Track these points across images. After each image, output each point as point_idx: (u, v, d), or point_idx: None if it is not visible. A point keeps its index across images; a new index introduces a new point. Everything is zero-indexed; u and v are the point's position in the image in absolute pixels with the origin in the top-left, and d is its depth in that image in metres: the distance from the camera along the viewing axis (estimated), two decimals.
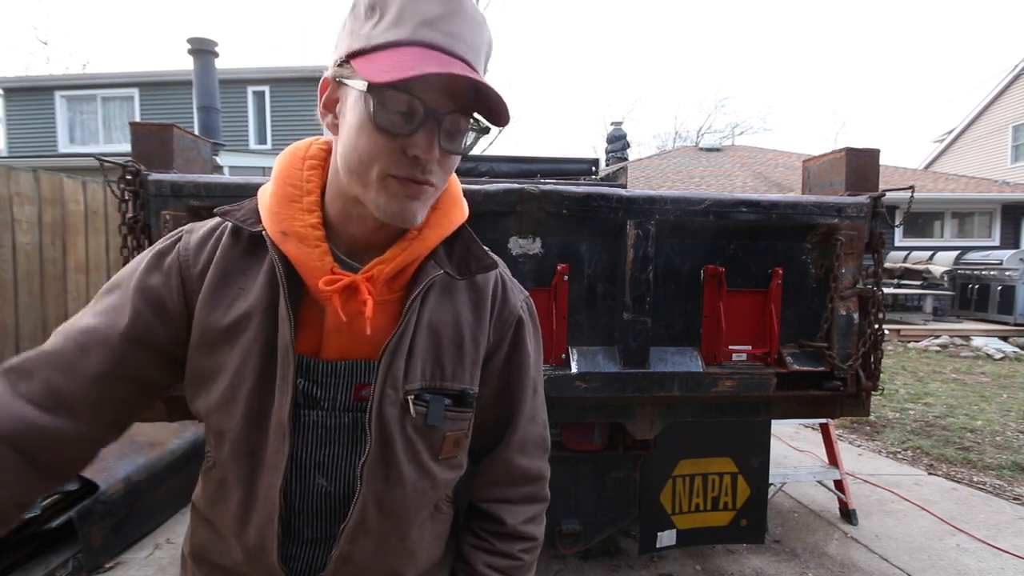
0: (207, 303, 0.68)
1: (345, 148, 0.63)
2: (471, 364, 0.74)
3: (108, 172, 1.70)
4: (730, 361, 1.88)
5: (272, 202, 0.68)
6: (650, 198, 1.77)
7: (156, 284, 0.69)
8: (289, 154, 0.73)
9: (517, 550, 0.79)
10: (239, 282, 0.69)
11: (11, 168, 3.76)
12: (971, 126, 17.34)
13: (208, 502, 0.73)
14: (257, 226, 0.69)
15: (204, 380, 0.68)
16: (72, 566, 2.48)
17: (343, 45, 0.62)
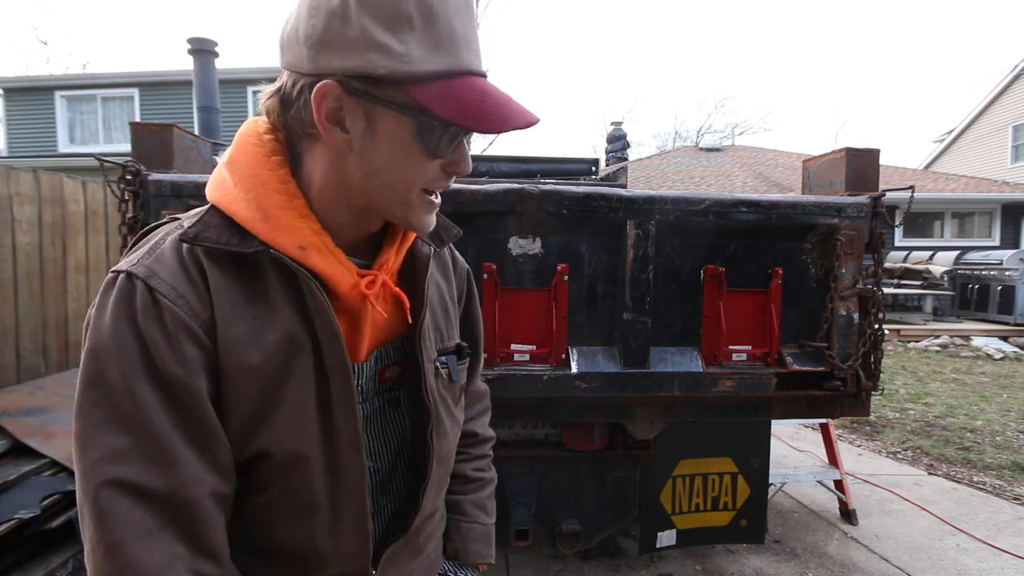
0: (233, 346, 0.60)
1: (373, 168, 0.61)
2: (455, 320, 0.86)
3: (108, 172, 1.70)
4: (730, 361, 1.88)
5: (266, 215, 0.61)
6: (650, 198, 1.77)
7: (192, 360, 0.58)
8: (254, 153, 0.63)
9: (487, 449, 1.01)
10: (252, 312, 0.61)
11: (11, 168, 3.76)
12: (971, 126, 17.34)
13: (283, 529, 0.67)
14: (249, 245, 0.60)
15: (261, 418, 0.62)
16: (72, 566, 2.48)
17: (354, 55, 0.55)
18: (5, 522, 2.29)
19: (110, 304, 0.57)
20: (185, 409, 0.57)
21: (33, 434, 2.78)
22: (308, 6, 0.57)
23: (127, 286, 0.57)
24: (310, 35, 0.56)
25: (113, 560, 0.53)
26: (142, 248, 0.62)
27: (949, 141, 18.26)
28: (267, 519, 0.66)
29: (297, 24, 0.58)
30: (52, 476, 2.63)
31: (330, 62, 0.56)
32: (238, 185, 0.62)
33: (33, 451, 2.70)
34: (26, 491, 2.47)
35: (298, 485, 0.65)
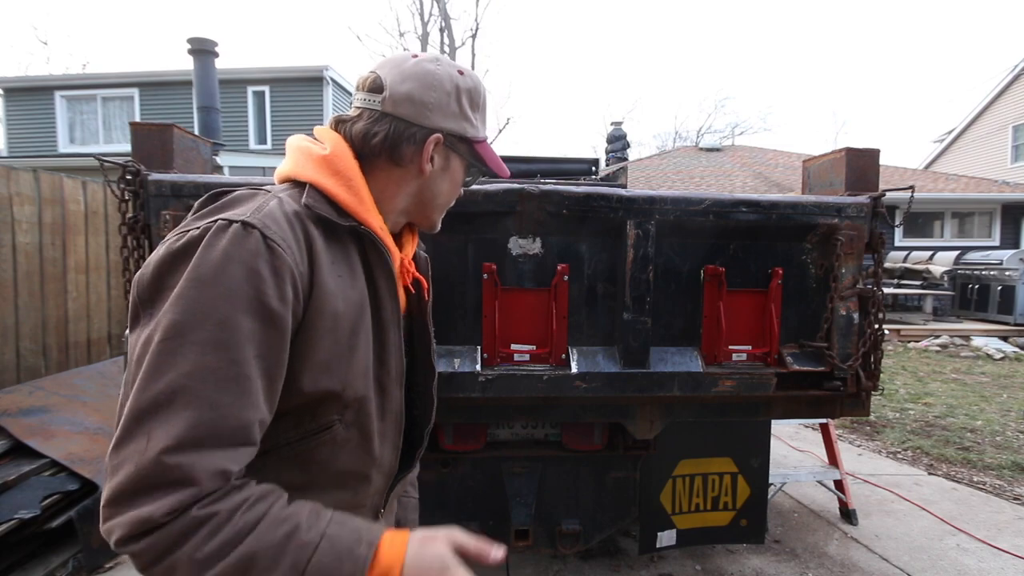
0: (328, 296, 0.73)
1: (436, 192, 0.89)
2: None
3: (108, 172, 1.70)
4: (730, 361, 1.88)
5: (365, 201, 0.81)
6: (650, 198, 1.77)
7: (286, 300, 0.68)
8: (350, 157, 0.82)
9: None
10: (337, 270, 0.76)
11: (11, 168, 3.76)
12: (971, 126, 17.33)
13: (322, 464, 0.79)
14: (347, 220, 0.78)
15: (338, 361, 0.75)
16: (72, 566, 2.48)
17: (455, 121, 0.84)
18: (5, 522, 2.29)
19: (222, 244, 0.64)
20: (272, 343, 0.66)
21: (33, 434, 2.78)
22: (427, 84, 0.82)
23: (242, 231, 0.65)
24: (429, 103, 0.82)
25: (162, 461, 0.58)
26: (244, 206, 0.70)
27: (949, 141, 18.25)
28: (332, 451, 0.79)
29: (418, 92, 0.81)
30: (52, 476, 2.63)
31: (439, 121, 0.83)
32: (336, 175, 0.79)
33: (33, 451, 2.70)
34: (26, 491, 2.47)
35: (361, 420, 0.80)
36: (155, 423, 0.59)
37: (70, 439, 2.83)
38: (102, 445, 2.87)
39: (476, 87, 0.87)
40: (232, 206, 0.71)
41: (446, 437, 2.07)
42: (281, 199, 0.73)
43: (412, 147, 0.82)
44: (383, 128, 0.81)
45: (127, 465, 0.58)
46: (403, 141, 0.82)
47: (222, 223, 0.66)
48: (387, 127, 0.81)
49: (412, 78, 0.81)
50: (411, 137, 0.82)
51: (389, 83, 0.82)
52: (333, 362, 0.74)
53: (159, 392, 0.59)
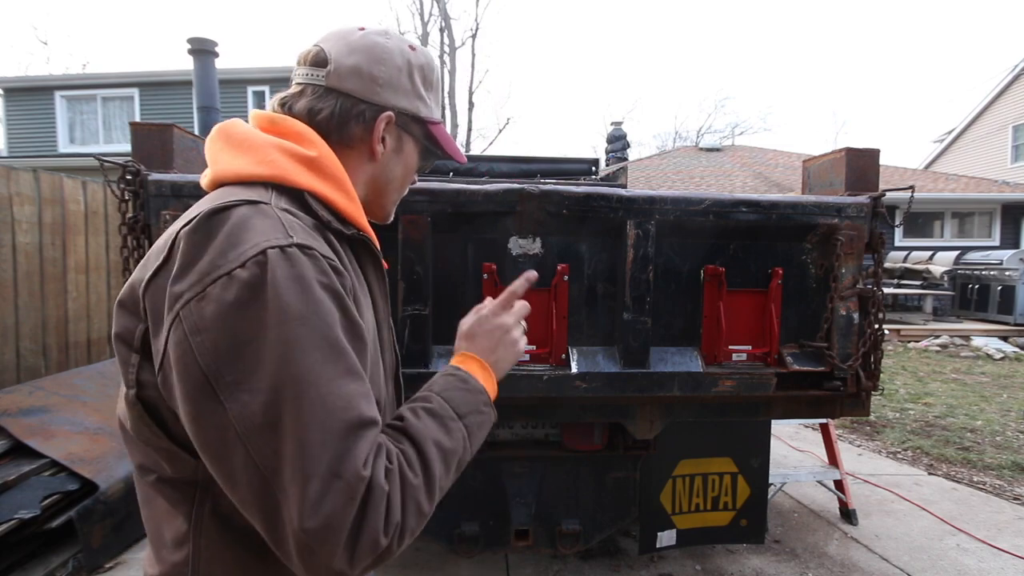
0: (364, 310, 0.72)
1: (390, 178, 0.83)
2: None
3: (108, 172, 1.71)
4: (730, 361, 1.88)
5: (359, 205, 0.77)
6: (650, 198, 1.77)
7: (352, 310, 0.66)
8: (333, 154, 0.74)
9: None
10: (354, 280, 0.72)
11: (11, 168, 3.76)
12: (971, 126, 17.33)
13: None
14: (350, 228, 0.74)
15: (375, 370, 0.73)
16: (72, 566, 2.48)
17: (407, 99, 0.79)
18: (5, 522, 2.29)
19: (294, 272, 0.58)
20: (364, 355, 0.65)
21: (33, 434, 2.78)
22: (374, 56, 0.76)
23: (302, 255, 0.60)
24: (379, 77, 0.76)
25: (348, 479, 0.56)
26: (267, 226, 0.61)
27: (949, 141, 18.25)
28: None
29: (365, 65, 0.75)
30: (52, 476, 2.63)
31: (390, 99, 0.77)
32: (330, 181, 0.73)
33: (33, 451, 2.70)
34: (26, 491, 2.47)
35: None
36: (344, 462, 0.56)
37: (70, 439, 2.83)
38: (102, 445, 2.87)
39: (429, 63, 0.82)
40: (248, 229, 0.60)
41: None
42: (293, 213, 0.65)
43: (361, 126, 0.76)
44: (328, 105, 0.74)
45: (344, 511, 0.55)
46: (351, 119, 0.75)
47: (276, 250, 0.58)
48: (333, 104, 0.74)
49: (360, 51, 0.75)
50: (360, 115, 0.75)
51: (334, 56, 0.74)
52: (373, 371, 0.71)
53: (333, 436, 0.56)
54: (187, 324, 0.56)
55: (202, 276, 0.57)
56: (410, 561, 2.69)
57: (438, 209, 1.71)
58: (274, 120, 0.74)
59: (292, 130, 0.73)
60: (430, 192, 1.70)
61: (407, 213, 1.69)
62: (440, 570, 2.64)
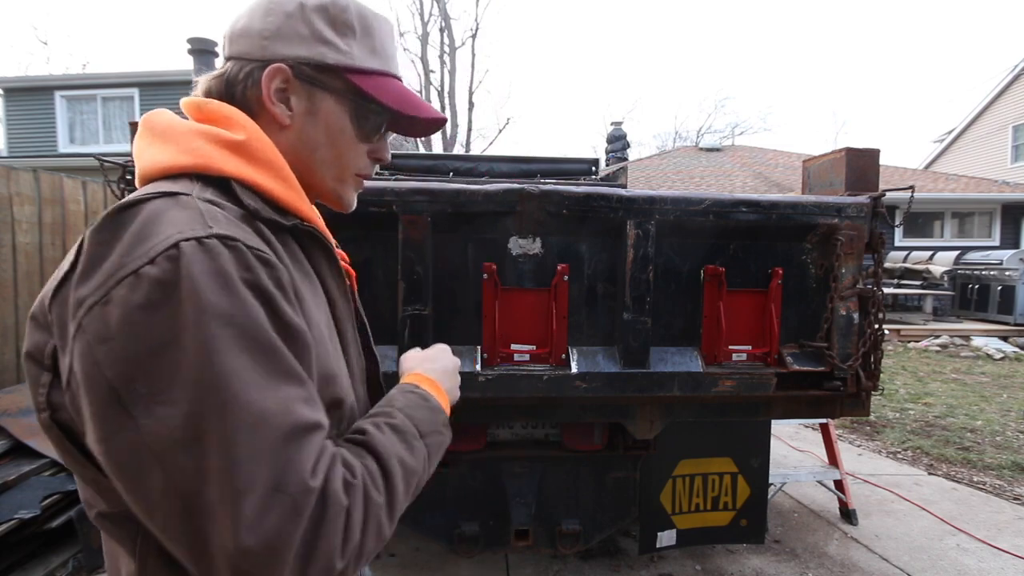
0: (306, 302, 0.63)
1: (312, 146, 0.70)
2: None
3: (108, 172, 1.71)
4: (730, 361, 1.88)
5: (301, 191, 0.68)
6: (650, 198, 1.77)
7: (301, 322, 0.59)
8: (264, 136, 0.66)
9: None
10: (301, 275, 0.65)
11: (11, 168, 3.76)
12: (971, 126, 17.33)
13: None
14: (290, 219, 0.65)
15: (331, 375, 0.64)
16: (72, 566, 2.48)
17: (305, 46, 0.66)
18: (5, 522, 2.29)
19: (208, 267, 0.50)
20: (303, 358, 0.57)
21: (33, 434, 2.78)
22: (264, 9, 0.67)
23: (222, 246, 0.52)
24: (265, 30, 0.66)
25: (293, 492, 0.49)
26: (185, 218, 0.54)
27: (949, 141, 18.25)
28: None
29: (251, 21, 0.67)
30: (52, 476, 2.63)
31: (280, 50, 0.66)
32: (263, 167, 0.64)
33: (33, 451, 2.70)
34: (26, 491, 2.47)
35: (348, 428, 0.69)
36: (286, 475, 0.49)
37: None
38: None
39: (334, 2, 0.68)
40: (161, 222, 0.53)
41: None
42: (218, 203, 0.58)
43: (254, 89, 0.66)
44: (219, 74, 0.68)
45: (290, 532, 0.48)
46: (238, 83, 0.67)
47: (191, 243, 0.51)
48: (223, 72, 0.68)
49: (249, 11, 0.67)
50: (248, 76, 0.66)
51: (228, 25, 0.69)
52: (330, 372, 0.64)
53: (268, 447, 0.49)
54: (90, 332, 0.49)
55: (106, 278, 0.49)
56: (410, 561, 2.69)
57: (438, 209, 1.71)
58: (199, 106, 0.66)
59: (218, 114, 0.65)
60: (430, 192, 1.70)
61: (407, 213, 1.69)
62: (440, 570, 2.64)
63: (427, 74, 20.70)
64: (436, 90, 21.00)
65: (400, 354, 1.86)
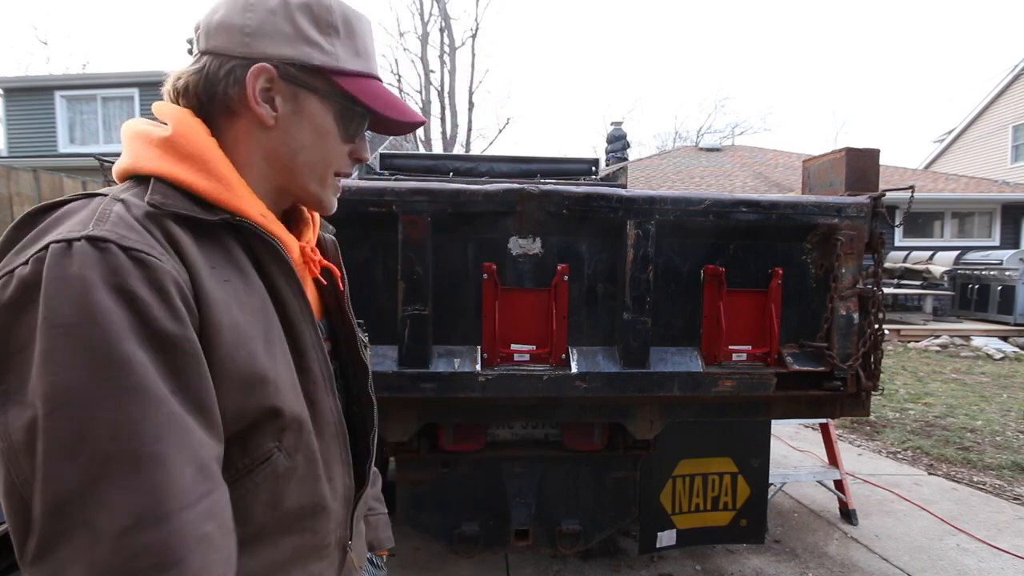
0: (220, 306, 0.58)
1: (295, 147, 0.69)
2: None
3: (108, 172, 1.70)
4: (730, 361, 1.88)
5: (232, 187, 0.64)
6: (650, 198, 1.78)
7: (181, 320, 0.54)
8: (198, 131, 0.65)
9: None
10: (223, 275, 0.61)
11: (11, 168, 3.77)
12: (971, 126, 17.33)
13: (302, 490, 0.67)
14: (216, 213, 0.62)
15: (257, 382, 0.61)
16: None
17: (290, 46, 0.65)
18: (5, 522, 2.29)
19: (72, 271, 0.49)
20: (184, 370, 0.53)
21: None
22: (243, 2, 0.65)
23: (90, 249, 0.50)
24: (247, 26, 0.65)
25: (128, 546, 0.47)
26: (77, 218, 0.54)
27: (949, 141, 18.25)
28: (276, 487, 0.64)
29: (230, 15, 0.65)
30: None
31: (265, 48, 0.65)
32: (185, 161, 0.62)
33: None
34: None
35: (302, 442, 0.66)
36: (92, 508, 0.46)
37: None
38: None
39: (318, 1, 0.67)
40: (61, 222, 0.53)
41: (446, 437, 2.07)
42: (125, 201, 0.57)
43: (237, 87, 0.65)
44: (195, 71, 0.66)
45: (74, 570, 0.46)
46: (219, 80, 0.65)
47: (58, 246, 0.50)
48: (200, 68, 0.66)
49: (227, 3, 0.66)
50: (229, 73, 0.65)
51: (203, 17, 0.67)
52: (254, 381, 0.60)
53: (81, 471, 0.46)
54: None
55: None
56: (410, 561, 2.69)
57: (438, 209, 1.71)
58: (156, 108, 0.67)
59: (159, 112, 0.66)
60: (430, 192, 1.71)
61: (407, 213, 1.69)
62: (440, 570, 2.64)
63: (427, 74, 20.69)
64: (436, 90, 20.98)
65: (400, 354, 1.87)
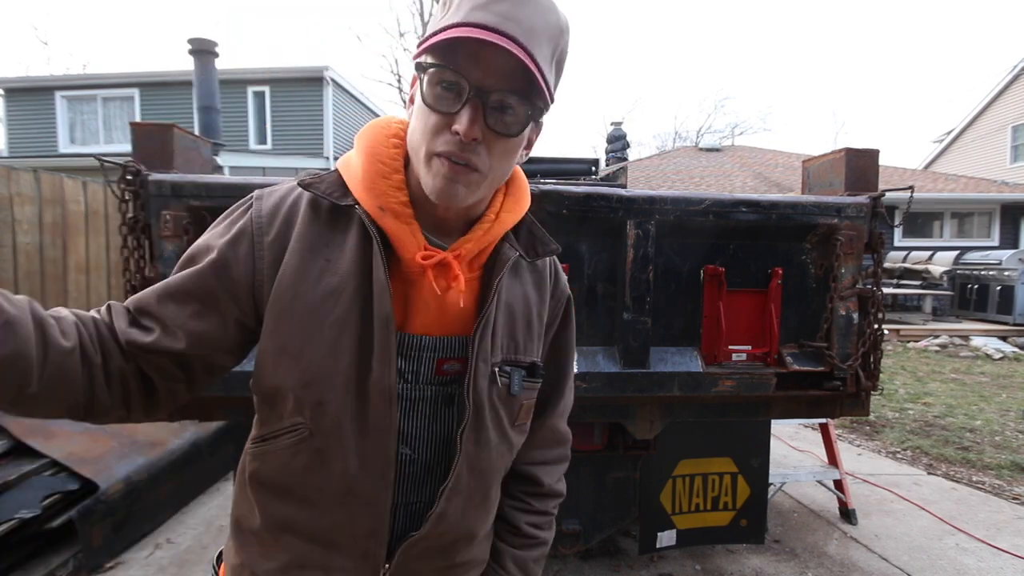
0: (293, 275, 0.68)
1: (413, 132, 0.68)
2: (536, 338, 0.81)
3: (108, 172, 1.71)
4: (730, 361, 1.88)
5: (365, 177, 0.70)
6: (650, 198, 1.78)
7: (226, 251, 0.70)
8: (375, 130, 0.74)
9: (551, 507, 0.93)
10: (324, 254, 0.69)
11: (12, 168, 3.77)
12: (971, 126, 17.33)
13: (298, 472, 0.70)
14: (346, 199, 0.70)
15: (293, 353, 0.68)
16: (72, 566, 2.48)
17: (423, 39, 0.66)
18: (5, 522, 2.29)
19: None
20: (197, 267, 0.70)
21: (33, 434, 2.78)
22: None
23: (251, 197, 0.74)
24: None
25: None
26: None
27: (949, 141, 18.25)
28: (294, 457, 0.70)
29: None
30: (52, 476, 2.63)
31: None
32: (358, 154, 0.72)
33: (33, 451, 2.70)
34: (26, 491, 2.47)
35: (325, 429, 0.68)
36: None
37: (70, 439, 2.83)
38: (102, 445, 2.87)
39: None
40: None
41: None
42: (306, 178, 0.73)
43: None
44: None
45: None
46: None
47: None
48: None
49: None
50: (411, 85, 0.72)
51: None
52: (293, 350, 0.68)
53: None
54: None
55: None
56: None
57: None
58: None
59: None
60: None
61: None
62: None
63: None
64: None
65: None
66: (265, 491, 0.73)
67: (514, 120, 0.64)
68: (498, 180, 0.70)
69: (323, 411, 0.68)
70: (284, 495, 0.72)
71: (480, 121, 0.63)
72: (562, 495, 0.94)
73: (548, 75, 0.64)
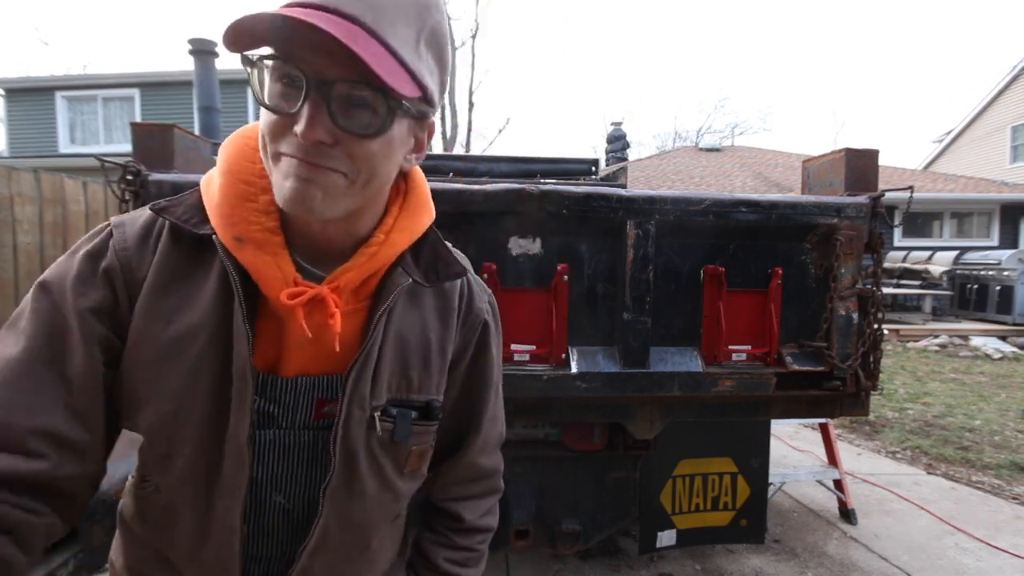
0: (146, 312, 0.59)
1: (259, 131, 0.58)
2: (437, 373, 0.71)
3: (109, 172, 1.71)
4: (730, 361, 1.88)
5: (223, 202, 0.59)
6: (650, 198, 1.78)
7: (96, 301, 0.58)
8: (237, 143, 0.62)
9: (476, 542, 0.82)
10: (182, 290, 0.60)
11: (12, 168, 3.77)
12: (970, 126, 17.33)
13: (150, 526, 0.67)
14: (204, 227, 0.60)
15: (144, 399, 0.60)
16: (72, 566, 2.48)
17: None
18: None
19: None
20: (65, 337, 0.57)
21: None
22: None
23: (102, 228, 0.64)
24: None
25: None
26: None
27: (948, 141, 18.25)
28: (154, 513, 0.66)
29: None
30: None
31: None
32: (218, 173, 0.62)
33: None
34: None
35: (171, 485, 0.62)
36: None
37: None
38: None
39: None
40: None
41: None
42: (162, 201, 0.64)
43: None
44: None
45: None
46: None
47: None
48: None
49: None
50: None
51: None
52: (141, 396, 0.60)
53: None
54: None
55: None
56: None
57: (438, 209, 1.70)
58: None
59: None
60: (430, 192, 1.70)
61: None
62: None
63: None
64: None
65: None
66: (127, 532, 0.71)
67: (370, 117, 0.53)
68: (374, 189, 0.59)
69: (169, 466, 0.61)
70: (142, 544, 0.69)
71: (324, 120, 0.52)
72: (490, 529, 0.83)
73: (409, 59, 0.53)
